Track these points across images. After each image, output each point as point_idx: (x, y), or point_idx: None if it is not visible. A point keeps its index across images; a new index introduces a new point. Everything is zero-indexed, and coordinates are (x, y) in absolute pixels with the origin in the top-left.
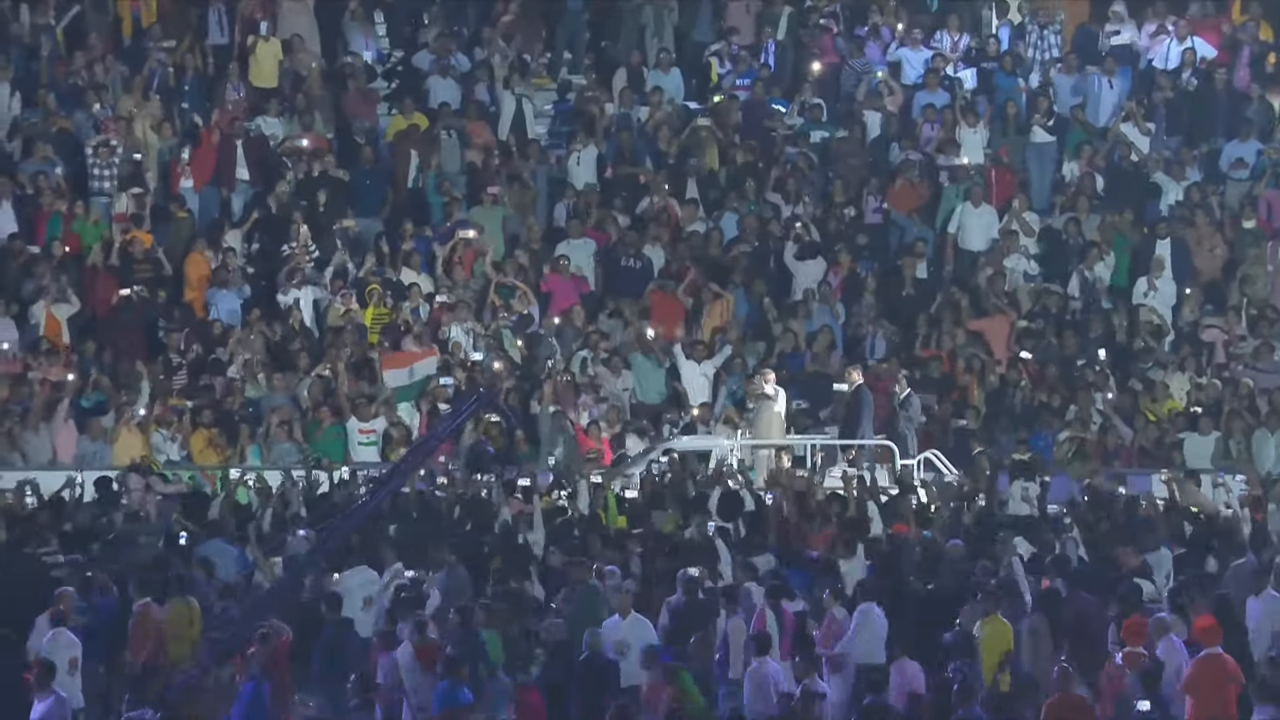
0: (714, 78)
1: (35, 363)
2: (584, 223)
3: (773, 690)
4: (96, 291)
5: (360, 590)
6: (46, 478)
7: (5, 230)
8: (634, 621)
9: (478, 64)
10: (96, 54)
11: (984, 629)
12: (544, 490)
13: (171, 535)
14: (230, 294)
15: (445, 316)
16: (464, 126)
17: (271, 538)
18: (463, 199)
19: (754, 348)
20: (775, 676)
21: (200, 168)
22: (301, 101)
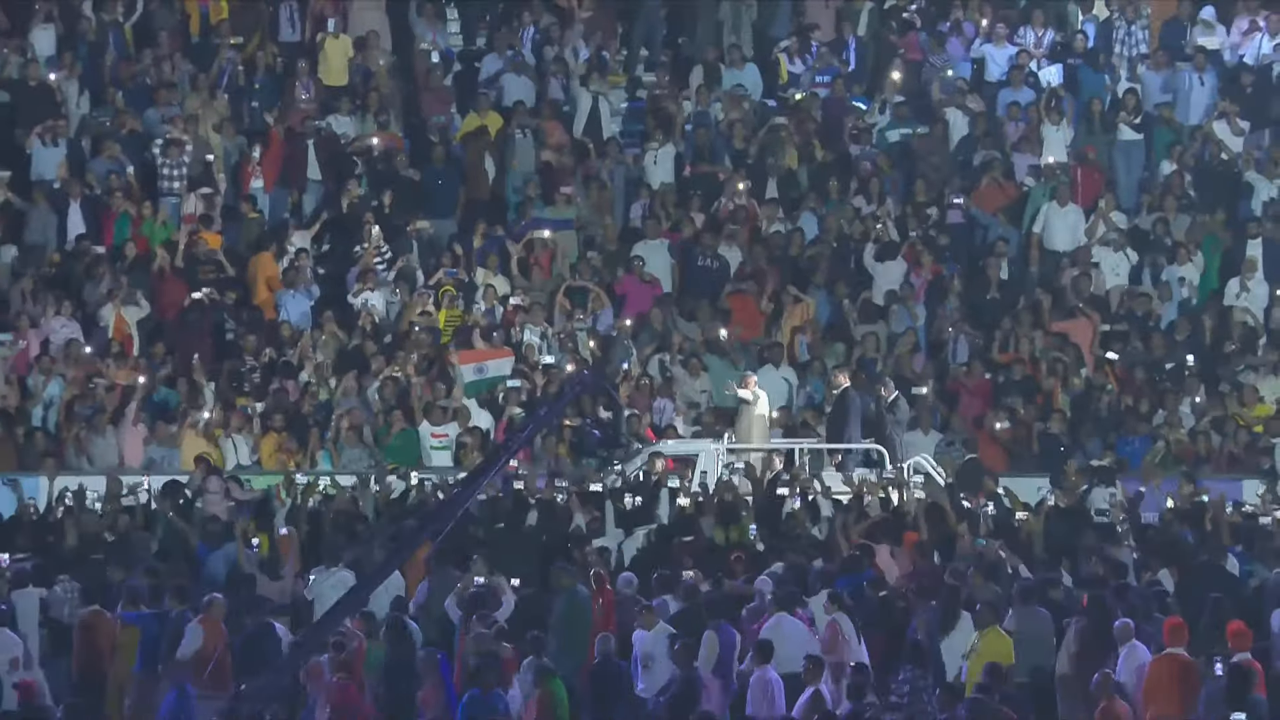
0: (784, 74)
1: (103, 366)
2: (660, 223)
3: (775, 697)
4: (165, 294)
5: (334, 592)
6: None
7: (74, 231)
8: (659, 632)
9: (552, 61)
10: (165, 52)
11: (982, 640)
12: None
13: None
14: (300, 296)
15: (518, 319)
16: (538, 125)
17: (339, 546)
18: (537, 199)
19: (834, 350)
20: (776, 684)
21: (270, 167)
22: (373, 99)
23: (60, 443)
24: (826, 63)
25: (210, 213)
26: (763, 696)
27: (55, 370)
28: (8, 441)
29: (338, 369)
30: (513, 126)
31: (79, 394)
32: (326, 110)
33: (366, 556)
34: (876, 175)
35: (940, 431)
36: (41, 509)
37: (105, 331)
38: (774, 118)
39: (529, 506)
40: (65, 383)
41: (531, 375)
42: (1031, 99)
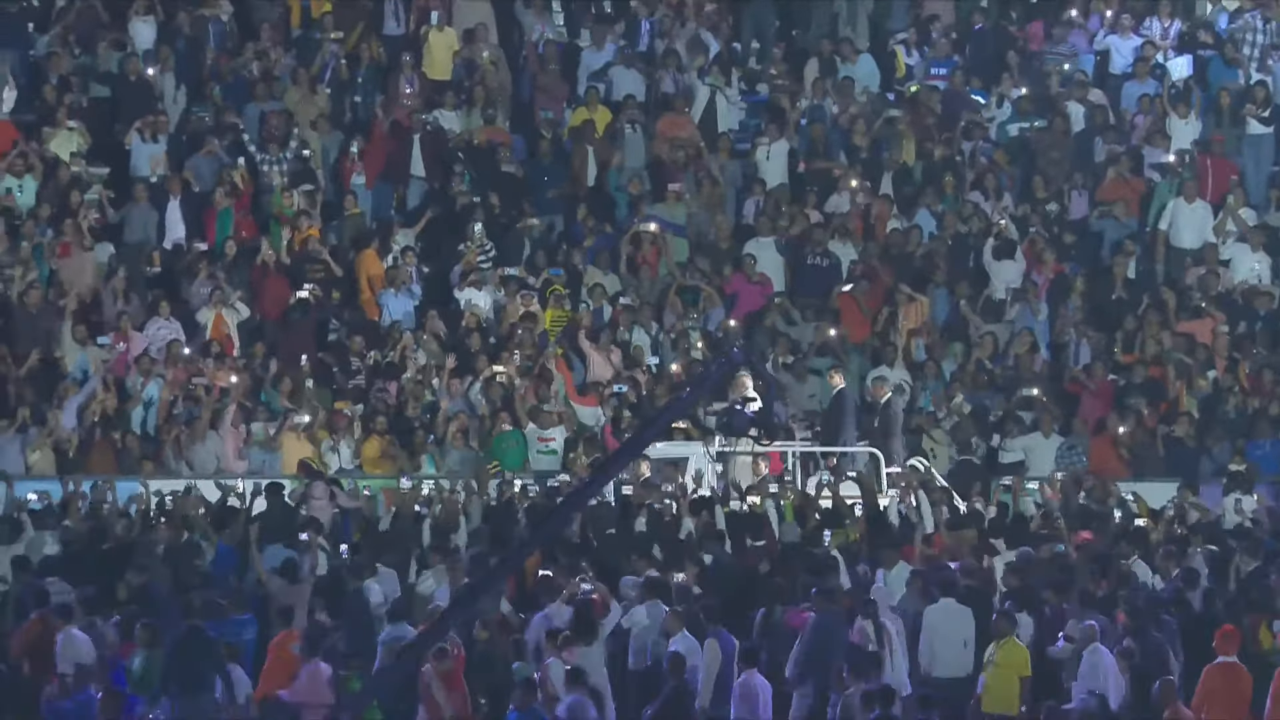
0: (901, 67)
1: (203, 367)
2: (773, 220)
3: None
4: (266, 292)
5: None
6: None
7: (175, 230)
8: (682, 640)
9: (665, 54)
10: (266, 45)
11: (999, 651)
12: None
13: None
14: (403, 295)
15: (626, 318)
16: (649, 120)
17: (446, 552)
18: (647, 195)
19: (951, 351)
20: (762, 689)
21: (373, 163)
22: (478, 93)
23: (159, 446)
24: (944, 54)
25: (311, 209)
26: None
27: (154, 372)
28: (106, 445)
29: (441, 370)
30: (622, 121)
31: (178, 396)
32: (430, 105)
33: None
34: (994, 170)
35: (1062, 435)
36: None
37: (204, 332)
38: (889, 111)
39: (637, 511)
40: (164, 385)
41: (639, 378)
42: (1156, 91)
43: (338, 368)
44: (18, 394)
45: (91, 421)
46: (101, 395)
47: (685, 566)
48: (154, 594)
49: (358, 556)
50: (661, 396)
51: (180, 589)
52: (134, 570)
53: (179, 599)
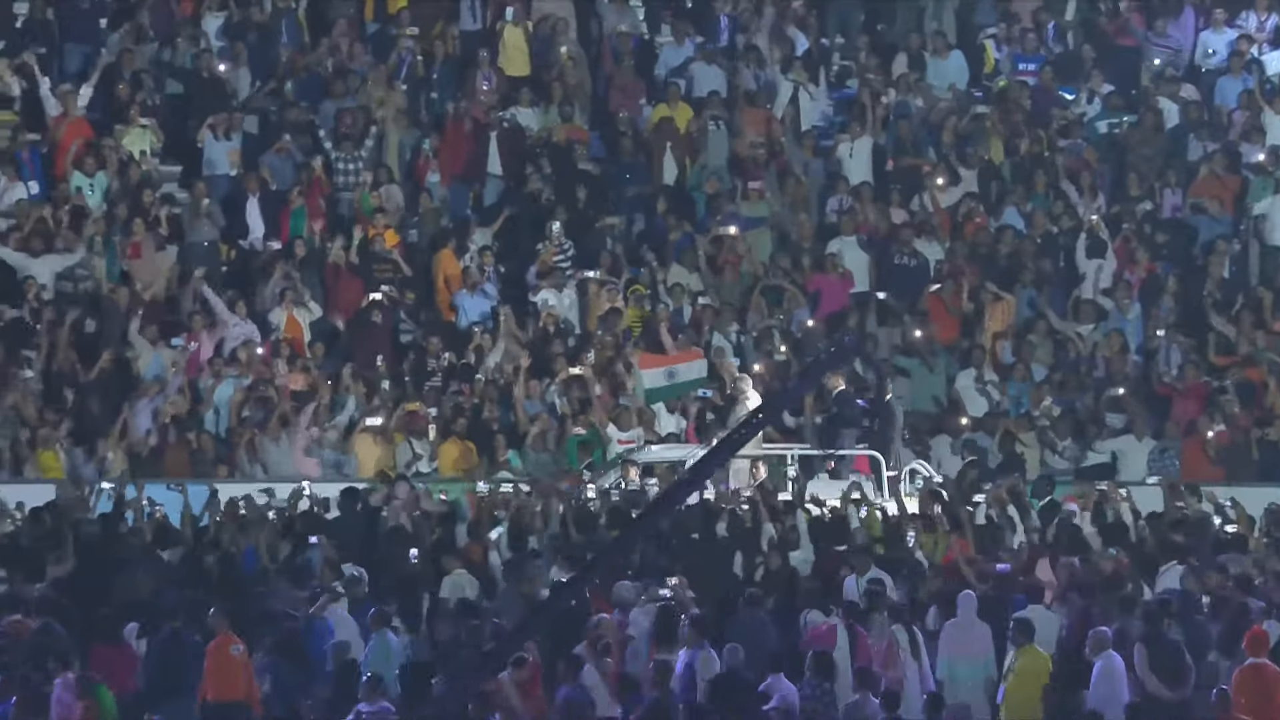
0: (990, 62)
1: (276, 368)
2: (857, 219)
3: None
4: (339, 292)
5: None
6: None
7: (254, 229)
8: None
9: (746, 49)
10: (341, 40)
11: (1020, 659)
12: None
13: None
14: (480, 295)
15: (708, 319)
16: (732, 117)
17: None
18: (729, 194)
19: (1040, 353)
20: (788, 695)
21: (449, 160)
22: (556, 90)
23: (232, 448)
24: (1033, 49)
25: (386, 207)
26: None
27: (227, 373)
28: (180, 447)
29: (518, 371)
30: (705, 118)
31: (251, 398)
32: (507, 101)
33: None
34: (1086, 168)
35: (1155, 438)
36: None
37: (277, 332)
38: (975, 107)
39: (718, 516)
40: (237, 386)
41: (722, 379)
42: (1252, 86)
43: (413, 369)
44: (89, 396)
45: (164, 424)
46: (175, 397)
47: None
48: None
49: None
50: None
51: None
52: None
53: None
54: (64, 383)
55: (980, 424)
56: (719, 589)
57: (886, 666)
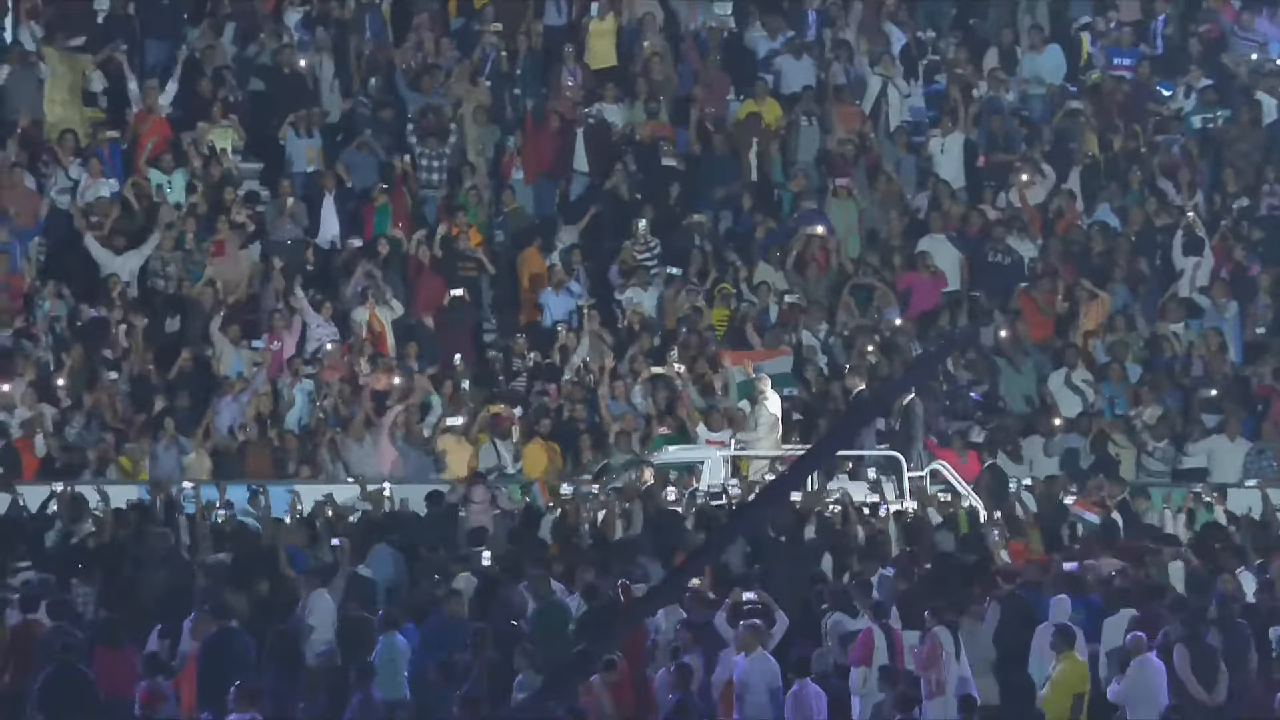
0: (1084, 55)
1: (358, 367)
2: (948, 216)
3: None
4: (421, 290)
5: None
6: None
7: (329, 228)
8: (758, 659)
9: (836, 44)
10: (424, 36)
11: (1058, 666)
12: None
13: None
14: (565, 294)
15: (796, 318)
16: (824, 112)
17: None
18: (817, 191)
19: (1135, 352)
20: (816, 699)
21: (534, 157)
22: (642, 86)
23: (314, 449)
24: (1129, 43)
25: (468, 205)
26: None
27: (308, 373)
28: (262, 447)
29: (604, 371)
30: (796, 113)
31: (333, 398)
32: (592, 97)
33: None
34: (1185, 164)
35: (1249, 439)
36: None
37: (360, 331)
38: (1070, 102)
39: (806, 520)
40: (319, 386)
41: (809, 379)
42: None
43: (498, 369)
44: (171, 396)
45: (247, 424)
46: (257, 397)
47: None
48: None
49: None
50: (833, 398)
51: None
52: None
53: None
54: (146, 383)
55: (1074, 425)
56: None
57: (928, 668)
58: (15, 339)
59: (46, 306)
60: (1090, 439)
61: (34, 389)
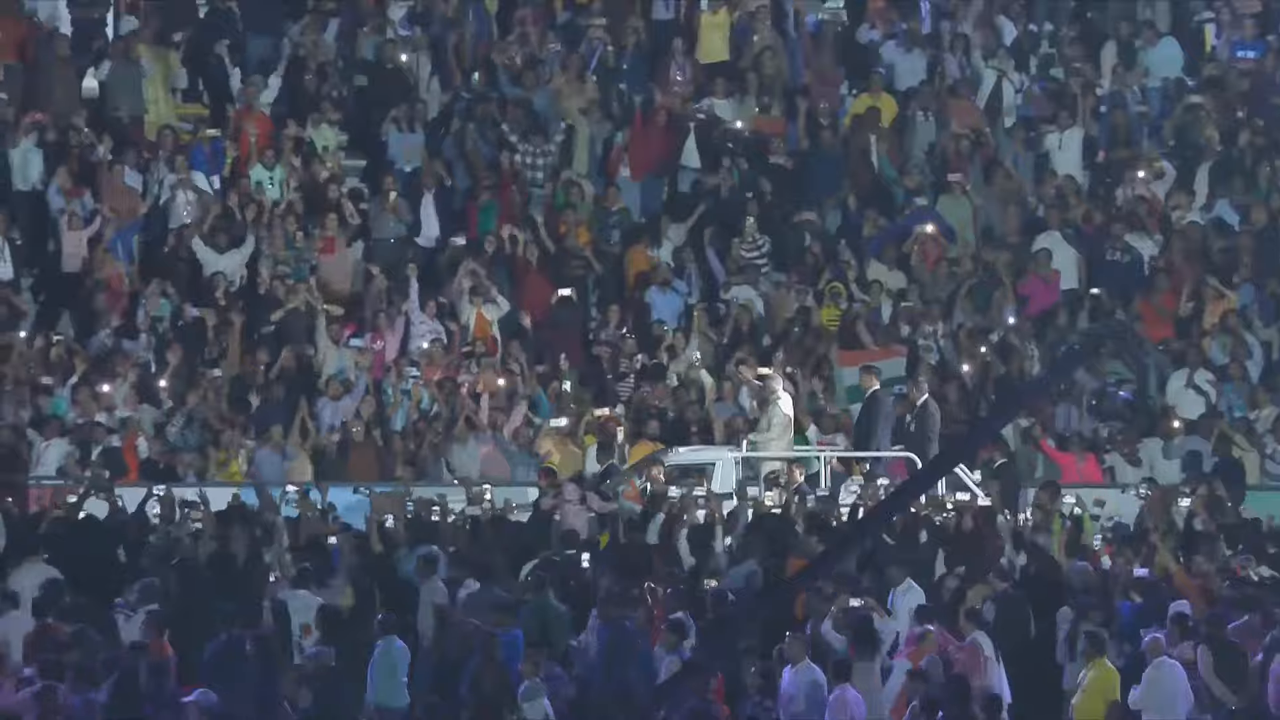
0: (1207, 48)
1: (464, 367)
2: (1066, 213)
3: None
4: (527, 289)
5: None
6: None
7: (429, 226)
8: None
9: (952, 37)
10: (529, 30)
11: (1090, 673)
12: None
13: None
14: (673, 293)
15: (909, 318)
16: (940, 107)
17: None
18: (928, 188)
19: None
20: (855, 704)
21: (642, 154)
22: (752, 80)
23: (417, 450)
24: (1253, 36)
25: (574, 202)
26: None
27: (411, 373)
28: (368, 448)
29: (712, 370)
30: (911, 108)
31: (437, 398)
32: (702, 92)
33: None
34: None
35: None
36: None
37: (466, 331)
38: (1189, 97)
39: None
40: (424, 386)
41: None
42: None
43: (605, 369)
44: (273, 396)
45: (350, 425)
46: (362, 397)
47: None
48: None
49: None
50: (949, 399)
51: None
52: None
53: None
54: (247, 383)
55: (1194, 427)
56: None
57: (971, 673)
58: (116, 338)
59: (151, 305)
60: (1213, 441)
61: (135, 390)
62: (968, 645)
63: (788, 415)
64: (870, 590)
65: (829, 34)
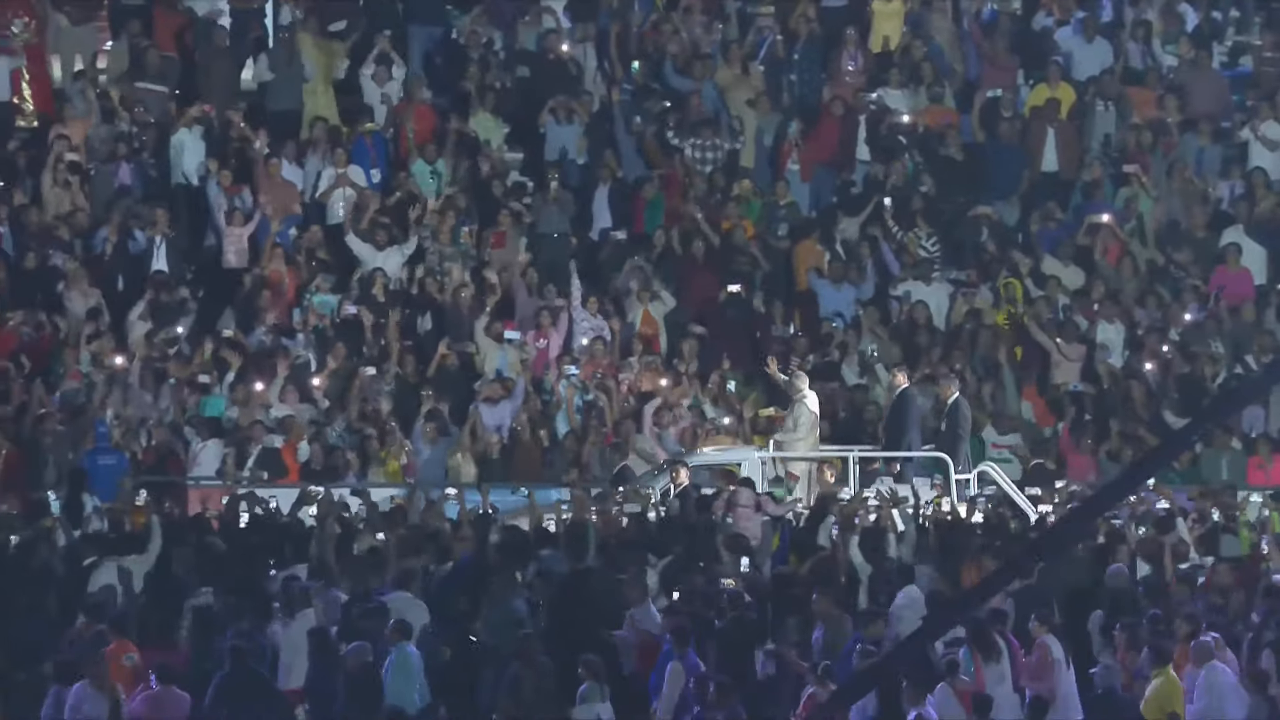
0: None
1: (627, 365)
2: (1258, 208)
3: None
4: (694, 286)
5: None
6: None
7: (600, 220)
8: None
9: (1135, 25)
10: (695, 19)
11: (1155, 682)
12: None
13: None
14: (845, 289)
15: (1090, 314)
16: (1121, 95)
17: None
18: (1105, 180)
19: None
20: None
21: (814, 146)
22: (927, 71)
23: (580, 451)
24: None
25: (744, 196)
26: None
27: (570, 372)
28: (533, 449)
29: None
30: (1090, 97)
31: (601, 397)
32: (875, 83)
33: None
34: None
35: None
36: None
37: (631, 328)
38: None
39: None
40: (585, 384)
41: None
42: None
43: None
44: (435, 395)
45: (514, 425)
46: (526, 396)
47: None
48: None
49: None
50: (1132, 397)
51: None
52: None
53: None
54: (408, 382)
55: None
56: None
57: (1039, 677)
58: (275, 337)
59: (312, 302)
60: None
61: (294, 388)
62: (1037, 650)
63: (814, 414)
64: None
65: (1003, 22)
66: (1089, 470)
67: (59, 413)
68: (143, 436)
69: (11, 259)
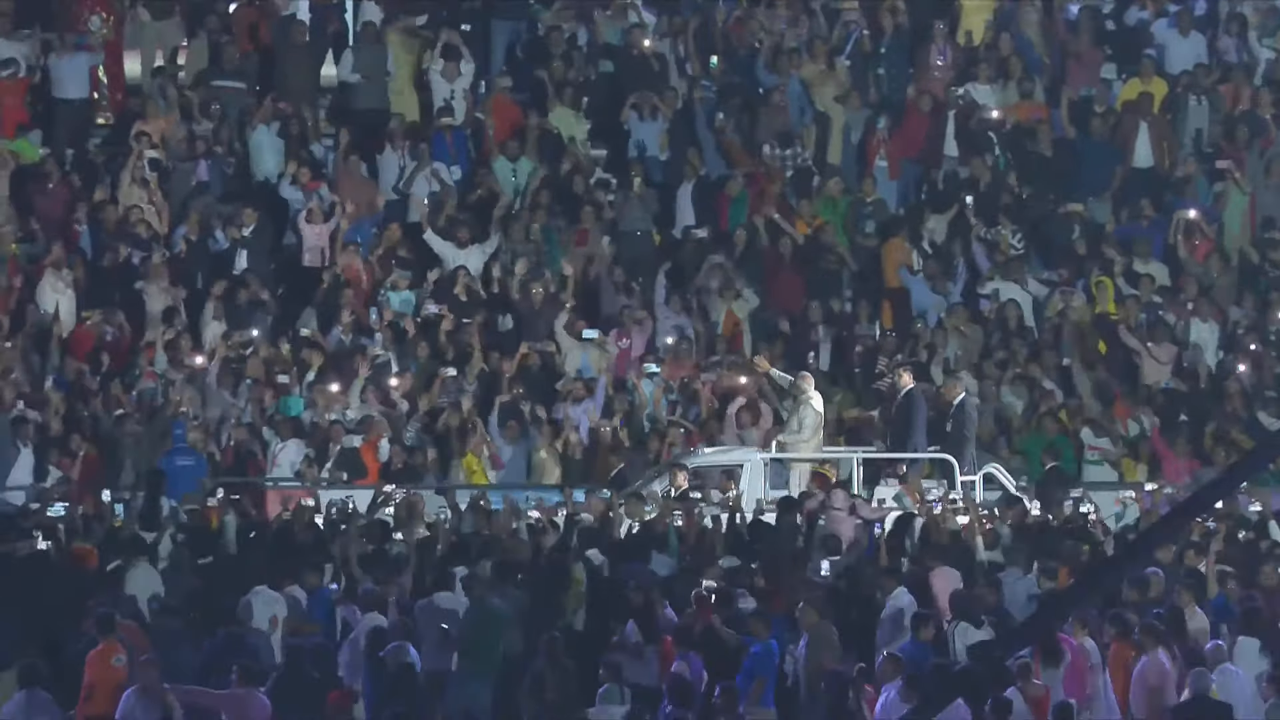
0: None
1: (709, 364)
2: None
3: None
4: (779, 285)
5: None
6: None
7: (684, 217)
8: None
9: (1229, 18)
10: (780, 13)
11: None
12: None
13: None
14: (932, 288)
15: (1181, 313)
16: (1214, 89)
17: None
18: (1198, 176)
19: None
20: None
21: (902, 142)
22: (1015, 65)
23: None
24: None
25: (831, 195)
26: None
27: (650, 371)
28: (615, 450)
29: (974, 370)
30: (1183, 92)
31: (681, 398)
32: (964, 78)
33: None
34: None
35: None
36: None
37: (715, 327)
38: None
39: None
40: (664, 384)
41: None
42: None
43: (858, 366)
44: (515, 395)
45: (597, 426)
46: (607, 396)
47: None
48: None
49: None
50: (1227, 397)
51: None
52: None
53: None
54: (488, 381)
55: None
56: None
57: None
58: (354, 336)
59: (390, 301)
60: None
61: (373, 388)
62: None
63: (819, 415)
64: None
65: (1091, 17)
66: (1183, 473)
67: (136, 413)
68: (221, 437)
69: (89, 257)
